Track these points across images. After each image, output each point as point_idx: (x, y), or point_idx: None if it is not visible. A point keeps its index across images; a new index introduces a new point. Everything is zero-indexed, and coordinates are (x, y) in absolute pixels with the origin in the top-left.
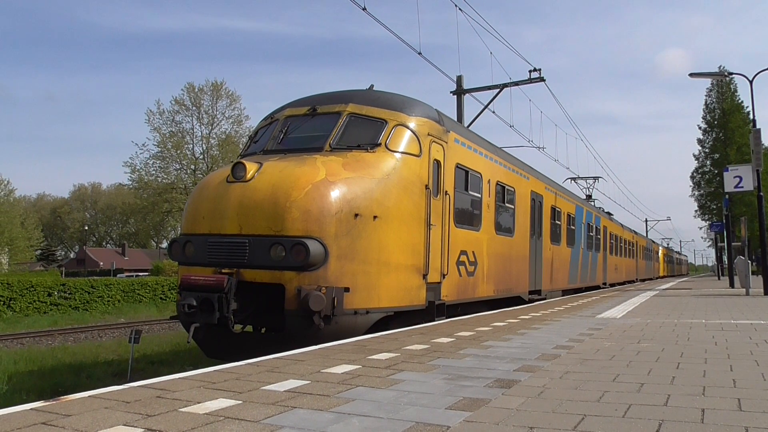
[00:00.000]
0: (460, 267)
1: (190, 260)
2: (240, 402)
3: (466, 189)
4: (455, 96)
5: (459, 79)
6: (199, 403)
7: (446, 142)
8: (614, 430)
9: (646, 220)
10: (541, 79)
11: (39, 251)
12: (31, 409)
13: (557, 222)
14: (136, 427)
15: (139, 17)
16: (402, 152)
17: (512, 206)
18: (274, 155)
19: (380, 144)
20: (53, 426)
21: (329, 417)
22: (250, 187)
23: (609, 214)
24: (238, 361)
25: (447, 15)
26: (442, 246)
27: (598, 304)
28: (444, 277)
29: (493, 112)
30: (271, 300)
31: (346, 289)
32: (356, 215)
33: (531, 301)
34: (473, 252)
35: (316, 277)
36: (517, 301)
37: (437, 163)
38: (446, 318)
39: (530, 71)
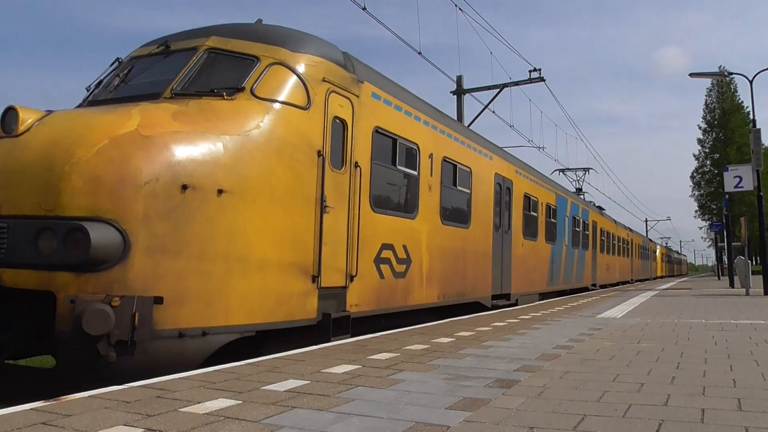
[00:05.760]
0: (382, 266)
1: None
2: (240, 402)
3: (393, 162)
4: (455, 96)
5: (459, 79)
6: (199, 403)
7: (357, 96)
8: (614, 430)
9: (646, 220)
10: (541, 79)
11: None
12: (31, 409)
13: (532, 213)
14: (136, 427)
15: (145, 17)
16: (278, 102)
17: (467, 190)
18: (98, 108)
19: (243, 89)
20: (53, 426)
21: (329, 417)
22: (19, 143)
23: (600, 208)
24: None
25: (447, 15)
26: (349, 237)
27: (598, 304)
28: (352, 280)
29: (493, 112)
30: (46, 316)
31: (158, 300)
32: (184, 187)
33: (495, 307)
34: (404, 246)
35: (108, 280)
36: (476, 308)
37: (340, 122)
38: (351, 337)
39: (530, 71)
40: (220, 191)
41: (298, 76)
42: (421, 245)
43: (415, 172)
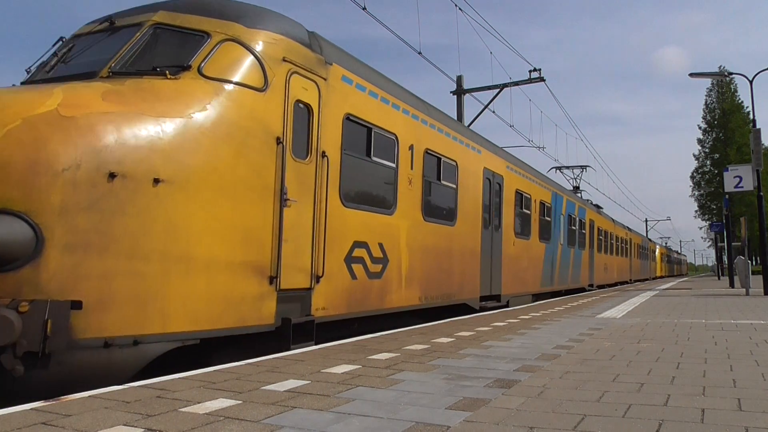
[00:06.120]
0: (354, 265)
1: None
2: (240, 402)
3: (368, 153)
4: (455, 96)
5: (459, 79)
6: (199, 403)
7: (324, 79)
8: (614, 430)
9: (646, 220)
10: (541, 79)
11: None
12: (31, 409)
13: (525, 211)
14: (136, 427)
15: None
16: (229, 82)
17: (453, 185)
18: (22, 87)
19: (189, 67)
20: (53, 426)
21: (329, 417)
22: None
23: (598, 207)
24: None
25: (447, 15)
26: (315, 233)
27: (597, 304)
28: (318, 281)
29: (493, 112)
30: None
31: (76, 304)
32: (112, 175)
33: (483, 309)
34: (380, 244)
35: (16, 282)
36: (463, 310)
37: (304, 107)
38: (316, 344)
39: (530, 71)
40: (156, 180)
41: (253, 54)
42: (400, 243)
43: (393, 165)
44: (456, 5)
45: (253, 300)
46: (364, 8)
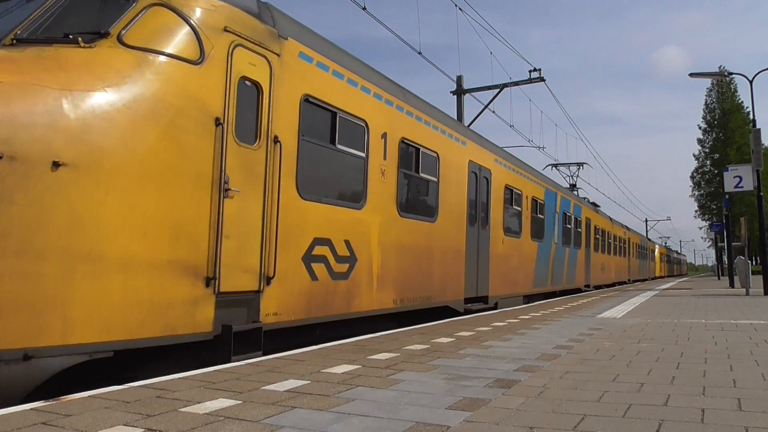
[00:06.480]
0: (315, 264)
1: None
2: (240, 402)
3: (332, 140)
4: (455, 96)
5: (459, 79)
6: (199, 403)
7: (277, 54)
8: (614, 430)
9: (646, 220)
10: (541, 79)
11: None
12: (31, 409)
13: (515, 207)
14: (136, 427)
15: None
16: (155, 52)
17: (433, 178)
18: None
19: (108, 34)
20: (53, 426)
21: (329, 417)
22: None
23: (595, 205)
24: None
25: (447, 15)
26: (265, 229)
27: (597, 304)
28: (269, 283)
29: (493, 112)
30: None
31: None
32: None
33: (469, 312)
34: (347, 241)
35: None
36: (447, 313)
37: (251, 85)
38: (262, 355)
39: (530, 71)
40: (56, 164)
41: (186, 21)
42: (371, 240)
43: (363, 154)
44: (456, 5)
45: (185, 305)
46: (364, 8)
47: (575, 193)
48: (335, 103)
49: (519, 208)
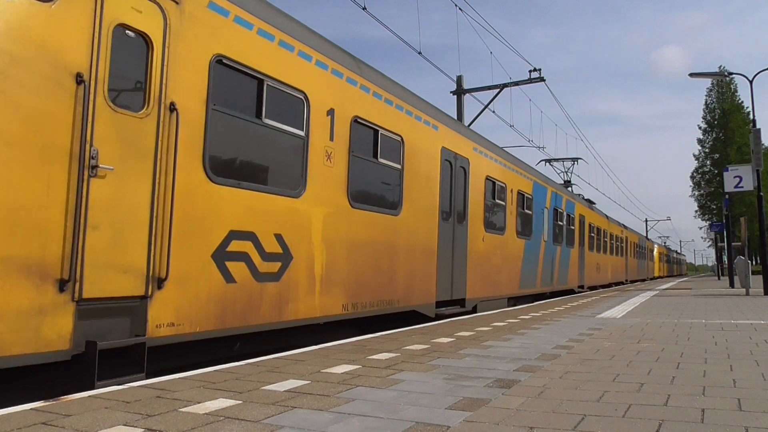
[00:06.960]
0: (231, 263)
1: None
2: (240, 402)
3: (258, 114)
4: (455, 96)
5: (459, 79)
6: (199, 403)
7: (176, 2)
8: (614, 430)
9: (646, 220)
10: (541, 79)
11: None
12: (31, 409)
13: (499, 201)
14: (136, 427)
15: None
16: None
17: (397, 165)
18: None
19: None
20: (53, 426)
21: (329, 417)
22: None
23: (590, 202)
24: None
25: (447, 15)
26: (155, 217)
27: (597, 304)
28: (161, 285)
29: (493, 111)
30: None
31: None
32: None
33: (441, 317)
34: (278, 235)
35: None
36: (416, 319)
37: (137, 36)
38: (149, 378)
39: (530, 71)
40: None
41: None
42: (312, 235)
43: (301, 132)
44: (456, 5)
45: (23, 316)
46: (364, 8)
47: (569, 189)
48: (261, 68)
49: (503, 203)
